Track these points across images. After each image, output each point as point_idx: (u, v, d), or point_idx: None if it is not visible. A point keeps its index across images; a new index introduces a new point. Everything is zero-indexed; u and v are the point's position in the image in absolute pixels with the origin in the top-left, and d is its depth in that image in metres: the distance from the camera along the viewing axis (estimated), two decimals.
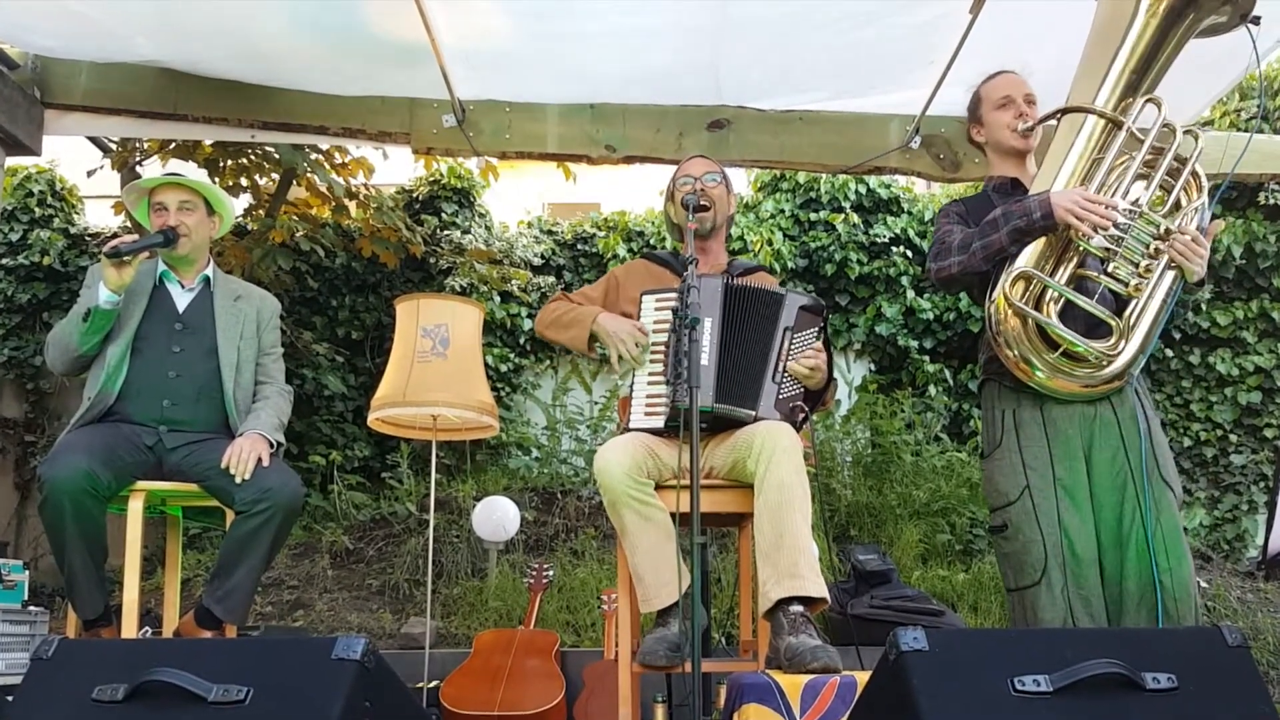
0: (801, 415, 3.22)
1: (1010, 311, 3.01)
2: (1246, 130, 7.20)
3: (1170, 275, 3.01)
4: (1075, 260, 3.03)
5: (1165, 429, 3.26)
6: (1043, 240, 3.02)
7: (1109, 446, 3.05)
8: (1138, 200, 3.01)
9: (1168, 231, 2.96)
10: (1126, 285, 2.97)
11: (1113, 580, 2.99)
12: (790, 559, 2.86)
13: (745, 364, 3.17)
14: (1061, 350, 3.00)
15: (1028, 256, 3.03)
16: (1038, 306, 3.01)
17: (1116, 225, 2.93)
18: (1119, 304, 3.04)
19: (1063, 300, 3.01)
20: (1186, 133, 3.07)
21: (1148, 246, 2.97)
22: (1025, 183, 3.26)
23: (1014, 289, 3.01)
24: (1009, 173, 3.32)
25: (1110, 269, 2.98)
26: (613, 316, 3.34)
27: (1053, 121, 3.22)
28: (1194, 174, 3.07)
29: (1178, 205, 3.06)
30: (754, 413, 3.13)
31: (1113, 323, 3.00)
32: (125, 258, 3.38)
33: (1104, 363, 2.99)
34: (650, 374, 3.22)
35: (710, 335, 3.13)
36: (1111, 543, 3.01)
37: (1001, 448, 3.13)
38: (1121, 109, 3.08)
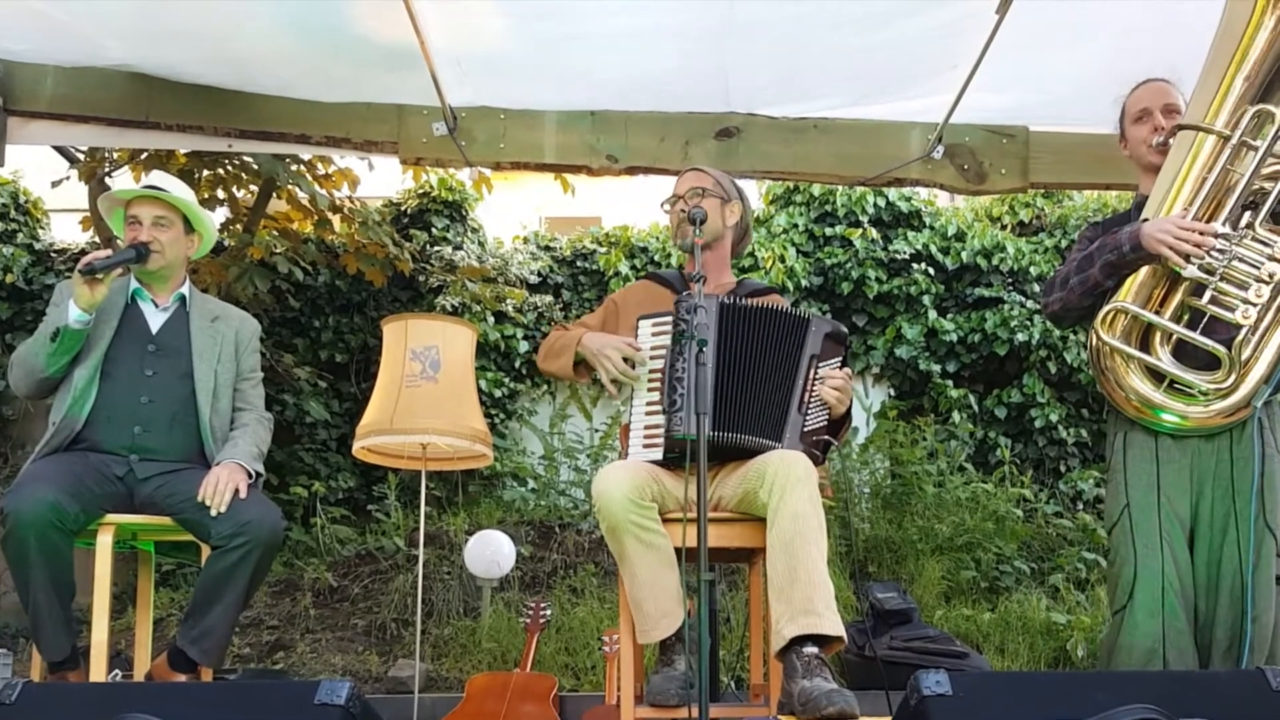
0: (824, 447, 3.21)
1: (1107, 347, 3.03)
2: None
3: None
4: (1187, 288, 3.01)
5: None
6: (1145, 270, 3.03)
7: (1220, 484, 3.05)
8: (1250, 221, 2.95)
9: None
10: (1233, 312, 2.93)
11: (1204, 626, 3.00)
12: (805, 595, 2.85)
13: (758, 391, 3.15)
14: (1168, 382, 3.00)
15: (1126, 289, 3.05)
16: (1146, 337, 3.02)
17: (1215, 251, 2.91)
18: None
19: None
20: None
21: (1259, 270, 2.91)
22: None
23: (1107, 324, 3.03)
24: (1149, 190, 3.28)
25: (1211, 298, 2.94)
26: (597, 335, 3.34)
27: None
28: None
29: None
30: (777, 444, 3.12)
31: (1221, 355, 2.95)
32: (99, 274, 3.37)
33: (1213, 398, 2.97)
34: (648, 403, 3.20)
35: (709, 359, 3.07)
36: (1205, 586, 3.01)
37: (1111, 469, 3.19)
38: (1234, 121, 3.00)
